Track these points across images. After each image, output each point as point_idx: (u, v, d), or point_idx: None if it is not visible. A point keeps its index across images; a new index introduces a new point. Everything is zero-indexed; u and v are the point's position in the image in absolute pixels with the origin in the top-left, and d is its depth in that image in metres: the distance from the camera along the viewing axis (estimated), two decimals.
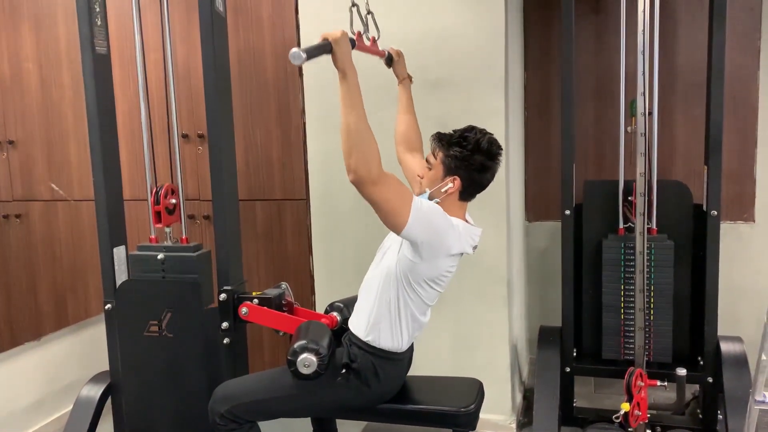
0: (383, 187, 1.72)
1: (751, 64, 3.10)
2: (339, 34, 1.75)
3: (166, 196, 2.44)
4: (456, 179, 1.94)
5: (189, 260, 2.38)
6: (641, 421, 2.47)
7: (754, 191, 3.17)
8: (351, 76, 1.74)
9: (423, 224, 1.80)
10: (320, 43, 1.74)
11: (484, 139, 1.94)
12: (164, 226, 2.46)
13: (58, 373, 2.98)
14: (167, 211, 2.46)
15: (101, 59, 2.32)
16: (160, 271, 2.40)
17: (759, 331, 2.11)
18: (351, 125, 1.71)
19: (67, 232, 3.37)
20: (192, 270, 2.38)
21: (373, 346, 1.98)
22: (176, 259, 2.40)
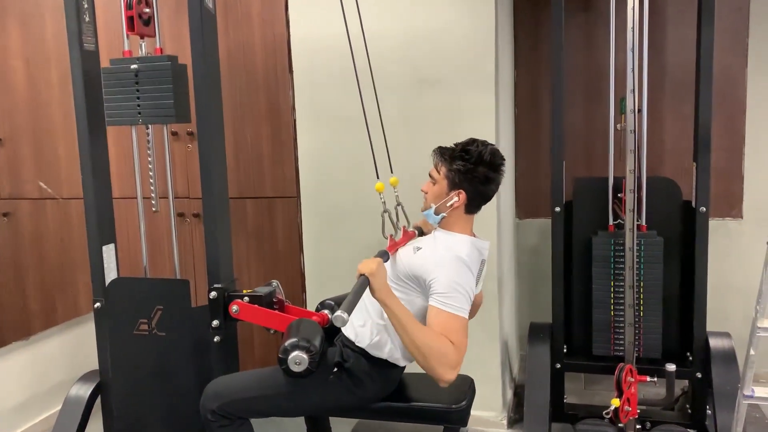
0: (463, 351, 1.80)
1: (739, 63, 3.13)
2: (375, 266, 1.79)
3: (139, 2, 2.32)
4: (461, 193, 1.94)
5: (164, 70, 2.31)
6: (631, 417, 2.49)
7: (742, 188, 3.20)
8: (392, 302, 1.80)
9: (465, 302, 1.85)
10: (357, 287, 1.76)
11: (486, 150, 1.95)
12: (138, 35, 2.35)
13: (46, 373, 2.95)
14: (142, 21, 2.35)
15: (89, 56, 2.29)
16: (134, 84, 2.32)
17: (747, 326, 2.14)
18: (414, 345, 1.77)
19: (55, 230, 3.35)
20: (167, 80, 2.31)
21: (370, 354, 1.99)
22: (151, 69, 2.32)
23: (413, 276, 1.91)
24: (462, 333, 1.80)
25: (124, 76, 2.34)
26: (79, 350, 3.07)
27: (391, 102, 2.67)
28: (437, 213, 1.97)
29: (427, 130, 2.74)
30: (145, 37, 2.40)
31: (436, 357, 1.74)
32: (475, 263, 1.94)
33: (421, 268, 1.89)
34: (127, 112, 2.36)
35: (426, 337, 1.76)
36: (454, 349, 1.76)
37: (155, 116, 2.36)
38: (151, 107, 2.34)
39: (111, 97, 2.37)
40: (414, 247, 2.00)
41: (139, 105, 2.35)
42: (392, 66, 2.72)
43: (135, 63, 2.33)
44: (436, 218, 1.99)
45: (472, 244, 1.95)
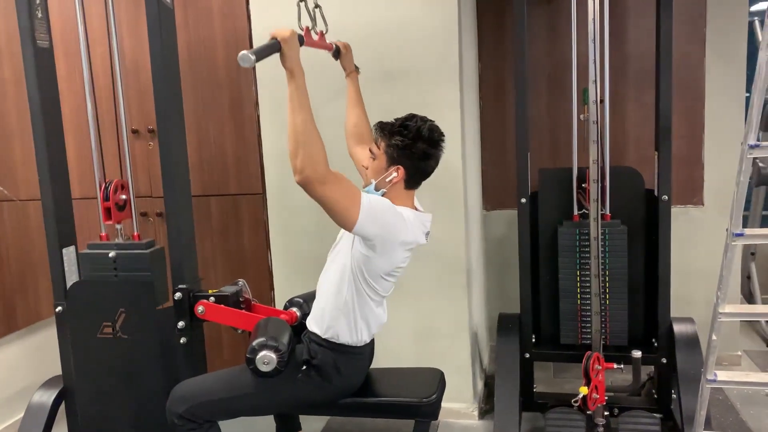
0: (331, 186, 1.73)
1: (698, 52, 3.18)
2: (288, 33, 1.75)
3: (116, 192, 2.37)
4: (400, 168, 1.94)
5: (142, 257, 2.32)
6: (599, 404, 2.52)
7: (702, 175, 3.26)
8: (299, 77, 1.75)
9: (373, 220, 1.81)
10: (269, 43, 1.74)
11: (425, 126, 1.94)
12: (115, 222, 2.38)
13: (8, 379, 2.88)
14: (117, 208, 2.38)
15: (43, 53, 2.23)
16: (112, 269, 2.33)
17: (710, 312, 2.18)
18: (298, 126, 1.71)
19: (13, 233, 3.26)
20: (145, 267, 2.32)
21: (332, 342, 1.97)
22: (128, 256, 2.33)
23: None
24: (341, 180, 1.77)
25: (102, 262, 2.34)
26: (41, 355, 3.01)
27: None
28: (377, 188, 1.96)
29: None
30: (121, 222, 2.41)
31: (308, 151, 1.69)
32: (417, 230, 1.95)
33: None
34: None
35: (312, 131, 1.72)
36: (329, 169, 1.73)
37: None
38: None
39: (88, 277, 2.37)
40: None
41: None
42: (357, 58, 2.69)
43: (113, 250, 2.33)
44: (377, 194, 1.98)
45: (414, 215, 1.96)
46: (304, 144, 1.70)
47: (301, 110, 1.72)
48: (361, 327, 1.98)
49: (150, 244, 2.36)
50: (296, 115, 1.72)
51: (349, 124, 2.36)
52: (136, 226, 2.42)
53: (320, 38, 2.22)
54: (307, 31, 2.12)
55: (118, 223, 2.39)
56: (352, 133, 2.34)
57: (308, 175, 1.69)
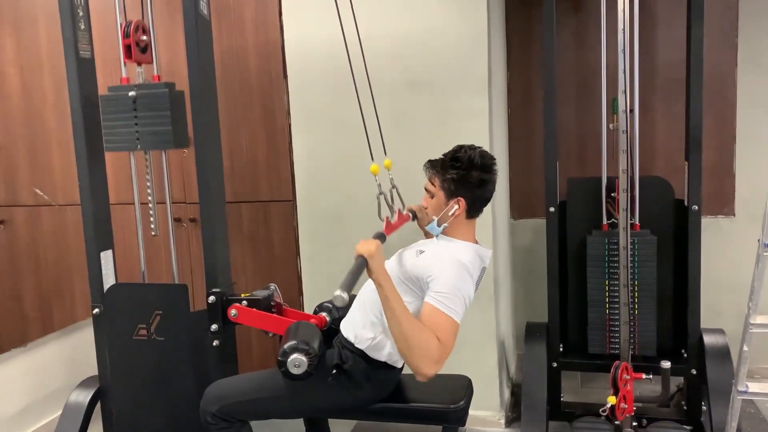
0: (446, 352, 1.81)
1: (729, 61, 3.16)
2: (374, 248, 1.80)
3: (136, 31, 2.33)
4: (460, 200, 1.96)
5: (162, 97, 2.31)
6: (627, 414, 2.50)
7: (733, 186, 3.23)
8: (387, 286, 1.80)
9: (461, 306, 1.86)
10: (355, 267, 1.77)
11: (476, 154, 1.96)
12: (135, 62, 2.35)
13: (45, 379, 2.95)
14: (139, 49, 2.36)
15: (85, 63, 2.30)
16: (132, 110, 2.32)
17: (740, 323, 2.16)
18: (401, 333, 1.77)
19: (51, 237, 3.35)
20: (164, 106, 2.31)
21: (369, 356, 2.00)
22: (148, 96, 2.32)
23: (414, 278, 1.93)
24: (451, 333, 1.81)
25: (122, 104, 2.35)
26: (76, 356, 3.07)
27: (384, 105, 2.66)
28: (440, 224, 1.98)
29: (420, 133, 2.75)
30: (142, 64, 2.42)
31: (419, 348, 1.75)
32: (475, 270, 1.95)
33: (422, 269, 1.91)
34: (126, 138, 2.37)
35: (414, 328, 1.77)
36: (440, 346, 1.77)
37: (154, 143, 2.37)
38: (149, 134, 2.35)
39: (109, 123, 2.38)
40: (417, 250, 2.01)
41: (137, 132, 2.35)
42: (385, 69, 2.74)
43: (132, 90, 2.33)
44: (440, 230, 2.00)
45: (474, 252, 1.97)
46: (413, 346, 1.76)
47: (395, 317, 1.77)
48: None
49: (169, 84, 2.35)
50: (393, 322, 1.78)
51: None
52: (156, 68, 2.42)
53: (398, 217, 2.18)
54: (388, 223, 2.10)
55: (138, 65, 2.38)
56: None
57: (428, 373, 1.78)
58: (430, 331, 1.77)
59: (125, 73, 2.39)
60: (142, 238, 2.55)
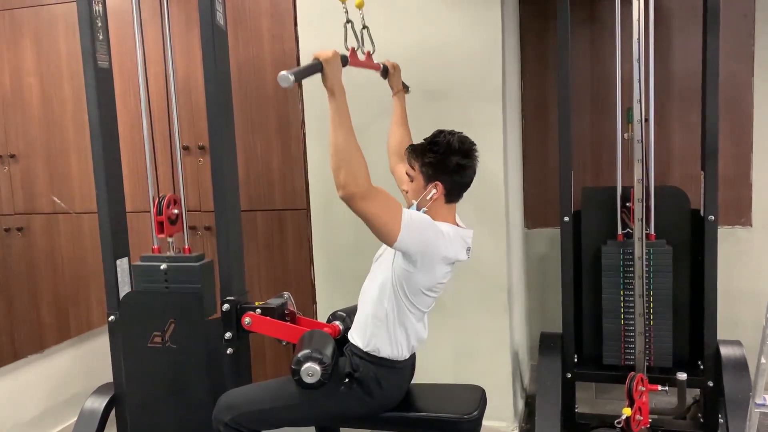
0: (373, 201, 1.77)
1: (745, 70, 3.14)
2: (330, 54, 1.80)
3: (168, 206, 2.46)
4: (437, 184, 1.96)
5: (191, 270, 2.40)
6: (643, 426, 2.48)
7: (750, 195, 3.20)
8: (339, 96, 1.80)
9: (414, 235, 1.83)
10: (309, 64, 1.79)
11: (454, 139, 1.97)
12: (167, 236, 2.47)
13: (61, 386, 2.98)
14: (169, 222, 2.47)
15: (103, 73, 2.34)
16: (163, 281, 2.42)
17: (758, 334, 2.13)
18: (339, 143, 1.76)
19: (68, 244, 3.39)
20: (194, 280, 2.40)
21: (373, 355, 2.00)
22: (179, 269, 2.42)
23: None
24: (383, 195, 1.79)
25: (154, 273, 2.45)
26: (92, 363, 3.10)
27: None
28: (419, 208, 1.98)
29: None
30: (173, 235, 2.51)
31: (350, 167, 1.73)
32: (458, 246, 1.96)
33: None
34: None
35: (354, 147, 1.76)
36: (371, 184, 1.76)
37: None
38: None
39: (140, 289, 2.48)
40: None
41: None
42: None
43: (164, 263, 2.44)
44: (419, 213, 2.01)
45: (455, 231, 1.97)
46: (347, 160, 1.74)
47: (341, 128, 1.77)
48: (401, 341, 2.00)
49: (200, 258, 2.44)
50: (337, 132, 1.78)
51: (392, 141, 2.40)
52: (186, 240, 2.50)
53: (367, 58, 2.26)
54: (353, 51, 2.16)
55: (170, 237, 2.48)
56: (394, 151, 2.38)
57: (351, 191, 1.73)
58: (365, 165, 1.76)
59: (156, 243, 2.53)
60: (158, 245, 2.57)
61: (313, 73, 1.79)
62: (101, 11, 2.32)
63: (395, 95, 2.44)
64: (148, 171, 2.52)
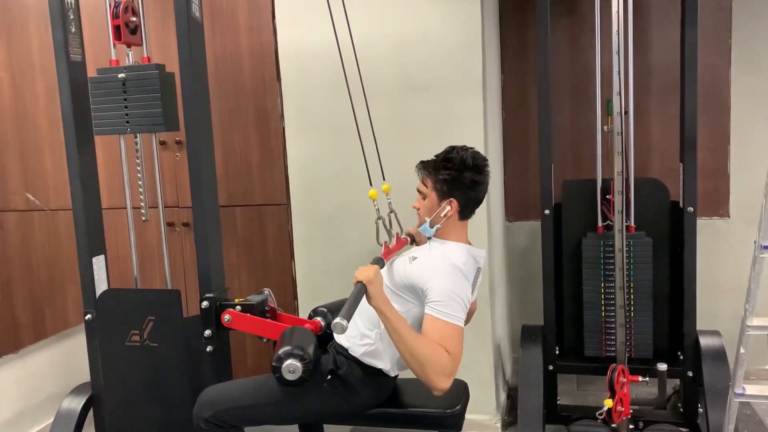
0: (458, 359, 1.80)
1: (723, 63, 3.16)
2: (372, 273, 1.79)
3: (126, 12, 2.32)
4: (452, 201, 1.95)
5: (152, 78, 2.29)
6: (624, 417, 2.50)
7: (728, 187, 3.23)
8: (389, 311, 1.79)
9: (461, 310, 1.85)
10: (355, 294, 1.76)
11: (468, 155, 1.95)
12: (124, 43, 2.33)
13: (37, 386, 2.93)
14: (129, 30, 2.33)
15: (76, 67, 2.29)
16: (122, 93, 2.31)
17: (736, 325, 2.16)
18: (409, 354, 1.76)
19: (43, 242, 3.32)
20: (154, 89, 2.29)
21: (364, 363, 1.99)
22: (138, 78, 2.29)
23: (410, 285, 1.91)
24: (457, 341, 1.80)
25: (112, 86, 2.32)
26: (69, 363, 3.05)
27: (379, 108, 2.66)
28: (432, 225, 1.98)
29: (416, 136, 2.74)
30: (132, 47, 2.39)
31: (431, 366, 1.75)
32: (470, 271, 1.94)
33: (417, 276, 1.90)
34: (116, 122, 2.34)
35: (422, 346, 1.76)
36: (450, 358, 1.76)
37: (144, 125, 2.34)
38: (139, 116, 2.32)
39: (98, 106, 2.35)
40: (410, 257, 2.00)
41: (127, 114, 2.33)
42: (380, 72, 2.73)
43: (122, 72, 2.31)
44: (432, 231, 1.99)
45: (467, 253, 1.96)
46: (423, 363, 1.75)
47: (402, 339, 1.77)
48: (397, 360, 1.98)
49: (159, 66, 2.32)
50: (402, 346, 1.77)
51: None
52: (146, 50, 2.39)
53: (397, 242, 2.17)
54: (386, 247, 2.09)
55: (128, 48, 2.36)
56: None
57: (444, 387, 1.76)
58: (437, 345, 1.76)
59: (114, 56, 2.37)
60: (135, 243, 2.53)
61: (360, 300, 1.77)
62: (73, 3, 2.27)
63: None
64: (123, 166, 2.47)
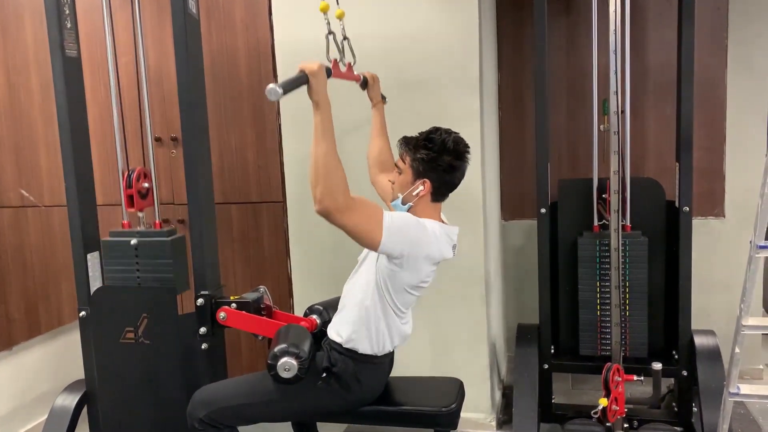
0: (351, 213, 1.75)
1: (719, 63, 3.17)
2: (316, 66, 1.78)
3: (138, 180, 2.38)
4: (426, 182, 1.95)
5: (163, 245, 2.34)
6: (619, 416, 2.50)
7: (723, 187, 3.24)
8: (324, 109, 1.78)
9: (398, 238, 1.82)
10: (296, 76, 1.77)
11: (450, 138, 1.95)
12: (137, 210, 2.39)
13: (31, 383, 2.92)
14: (140, 196, 2.40)
15: (72, 62, 2.27)
16: (134, 257, 2.36)
17: (731, 324, 2.16)
18: (320, 157, 1.74)
19: (37, 238, 3.31)
20: (166, 255, 2.34)
21: (353, 351, 1.98)
22: (150, 244, 2.35)
23: None
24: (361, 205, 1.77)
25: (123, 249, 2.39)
26: (63, 360, 3.04)
27: None
28: (404, 203, 1.98)
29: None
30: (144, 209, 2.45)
31: (329, 181, 1.71)
32: (444, 244, 1.95)
33: None
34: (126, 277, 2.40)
35: (333, 162, 1.73)
36: (348, 197, 1.74)
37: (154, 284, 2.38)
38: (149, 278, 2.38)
39: (110, 267, 2.41)
40: None
41: (138, 277, 2.39)
42: (377, 70, 2.71)
43: (134, 237, 2.37)
44: (403, 208, 1.99)
45: (440, 228, 1.96)
46: (325, 175, 1.72)
47: (324, 141, 1.75)
48: (384, 338, 1.98)
49: (171, 233, 2.38)
50: (319, 145, 1.75)
51: (372, 152, 2.38)
52: (158, 215, 2.44)
53: (348, 70, 2.24)
54: (335, 63, 2.13)
55: (140, 212, 2.41)
56: (375, 162, 2.36)
57: (327, 206, 1.71)
58: (344, 179, 1.74)
59: (126, 218, 2.44)
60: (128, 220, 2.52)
61: (299, 86, 1.77)
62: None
63: (374, 107, 2.41)
64: (119, 163, 2.46)
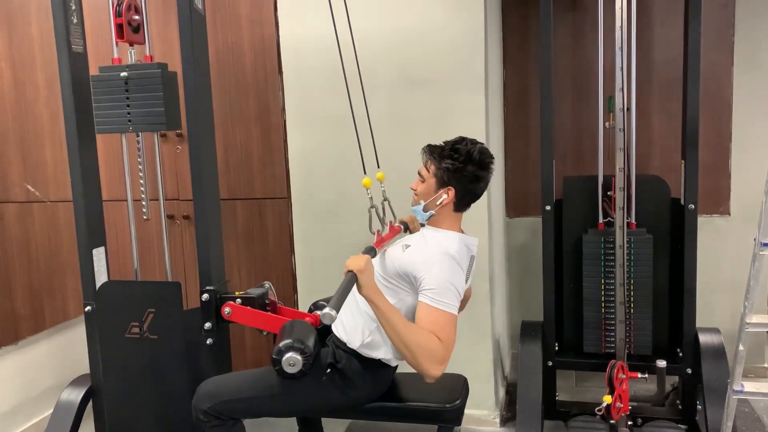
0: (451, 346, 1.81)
1: (725, 60, 3.16)
2: (362, 263, 1.78)
3: (129, 10, 2.30)
4: (450, 190, 1.95)
5: (154, 77, 2.28)
6: (623, 413, 2.50)
7: (729, 185, 3.23)
8: (379, 301, 1.80)
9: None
10: (345, 284, 1.76)
11: (476, 149, 1.95)
12: (127, 42, 2.32)
13: (36, 378, 2.93)
14: (131, 29, 2.33)
15: (78, 58, 2.28)
16: (124, 92, 2.30)
17: (736, 322, 2.16)
18: (401, 342, 1.78)
19: (43, 233, 3.32)
20: (157, 88, 2.28)
21: (363, 355, 1.99)
22: (140, 77, 2.28)
23: (403, 274, 1.92)
24: (450, 329, 1.81)
25: (114, 84, 2.31)
26: (68, 354, 3.05)
27: (380, 102, 2.67)
28: (426, 210, 1.98)
29: (417, 130, 2.74)
30: (134, 45, 2.38)
31: (423, 353, 1.75)
32: (464, 259, 1.94)
33: (410, 265, 1.90)
34: (117, 120, 2.33)
35: (413, 335, 1.77)
36: (442, 345, 1.77)
37: (145, 124, 2.33)
38: (141, 115, 2.31)
39: (100, 104, 2.34)
40: (403, 245, 2.00)
41: (129, 113, 2.32)
42: (382, 66, 2.73)
43: (125, 71, 2.30)
44: (425, 215, 2.00)
45: (460, 240, 1.96)
46: (416, 352, 1.76)
47: (394, 329, 1.78)
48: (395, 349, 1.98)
49: (163, 66, 2.31)
50: (394, 335, 1.78)
51: None
52: (149, 48, 2.39)
53: (390, 230, 2.16)
54: (378, 236, 2.09)
55: (131, 46, 2.35)
56: None
57: (435, 374, 1.77)
58: (429, 333, 1.77)
59: (117, 54, 2.35)
60: (135, 235, 2.52)
61: (350, 290, 1.77)
62: None
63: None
64: (124, 158, 2.46)
